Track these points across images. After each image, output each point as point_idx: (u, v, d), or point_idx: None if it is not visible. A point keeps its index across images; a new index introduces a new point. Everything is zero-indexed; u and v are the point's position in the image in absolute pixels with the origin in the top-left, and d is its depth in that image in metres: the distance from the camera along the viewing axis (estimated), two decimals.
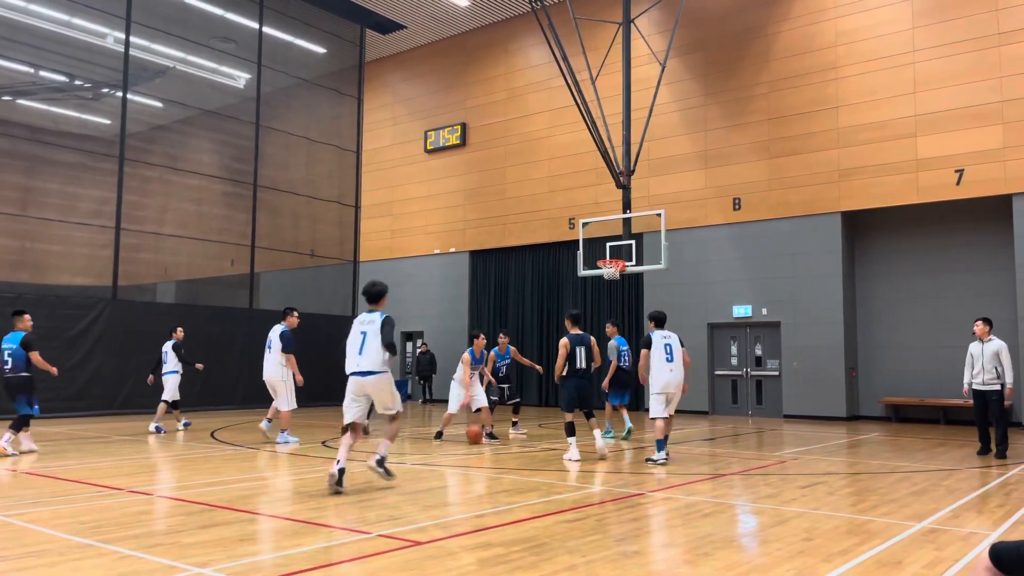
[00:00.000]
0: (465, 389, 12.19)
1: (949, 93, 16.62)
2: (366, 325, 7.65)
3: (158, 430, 13.44)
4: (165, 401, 13.86)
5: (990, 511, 6.78)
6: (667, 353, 9.85)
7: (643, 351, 9.94)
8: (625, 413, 13.07)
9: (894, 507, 6.86)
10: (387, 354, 7.52)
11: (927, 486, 8.08)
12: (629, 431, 12.90)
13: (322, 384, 22.17)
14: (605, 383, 12.75)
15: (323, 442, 12.12)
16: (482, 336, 12.70)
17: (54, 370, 10.86)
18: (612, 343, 12.90)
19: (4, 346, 10.49)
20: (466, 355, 12.39)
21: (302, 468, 9.50)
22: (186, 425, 14.40)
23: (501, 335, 13.92)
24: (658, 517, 6.43)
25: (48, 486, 7.72)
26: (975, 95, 16.32)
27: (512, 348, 13.77)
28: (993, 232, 16.64)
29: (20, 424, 10.27)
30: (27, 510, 6.46)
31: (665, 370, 9.78)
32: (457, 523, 6.07)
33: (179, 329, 14.69)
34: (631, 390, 13.31)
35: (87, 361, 17.15)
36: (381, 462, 7.80)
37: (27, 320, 10.73)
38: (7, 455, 9.91)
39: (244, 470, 9.26)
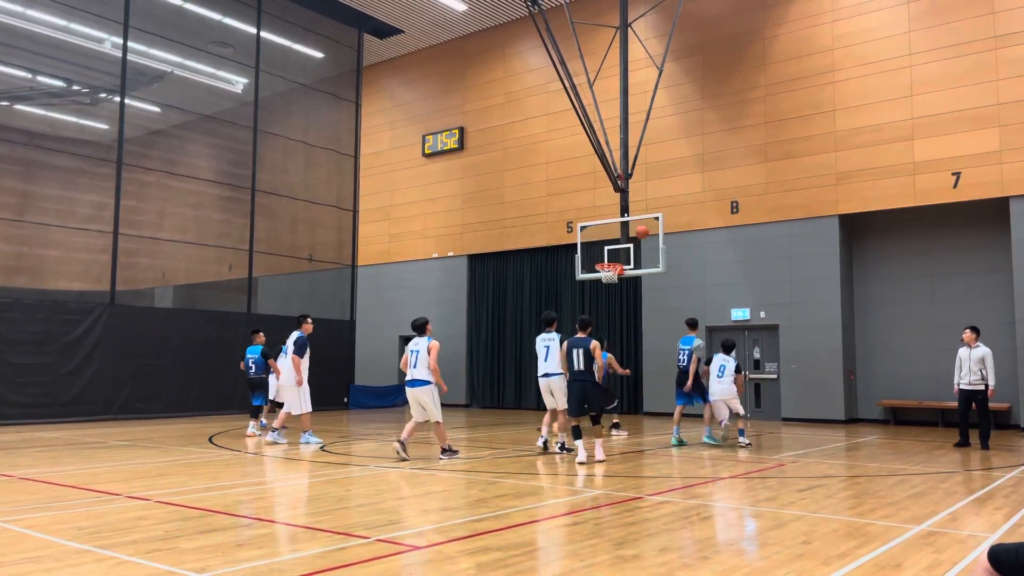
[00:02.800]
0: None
1: (946, 96, 16.65)
2: (548, 342, 11.18)
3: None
4: None
5: (988, 513, 6.78)
6: (719, 372, 12.37)
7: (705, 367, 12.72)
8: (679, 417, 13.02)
9: (893, 510, 6.86)
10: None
11: (925, 488, 8.08)
12: (679, 441, 12.51)
13: (321, 389, 22.17)
14: (688, 385, 12.70)
15: (321, 447, 12.11)
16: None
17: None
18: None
19: (248, 355, 13.80)
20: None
21: (300, 473, 9.49)
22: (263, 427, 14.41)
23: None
24: (656, 521, 6.42)
25: (46, 491, 7.71)
26: (972, 98, 16.35)
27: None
28: (990, 235, 16.66)
29: (256, 413, 13.66)
30: (25, 515, 6.44)
31: (714, 382, 12.39)
32: (455, 527, 6.06)
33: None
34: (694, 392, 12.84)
35: (85, 366, 17.14)
36: (562, 446, 11.06)
37: (262, 336, 14.17)
38: (255, 436, 13.22)
39: (242, 475, 9.24)
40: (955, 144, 16.45)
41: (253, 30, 21.27)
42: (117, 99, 18.46)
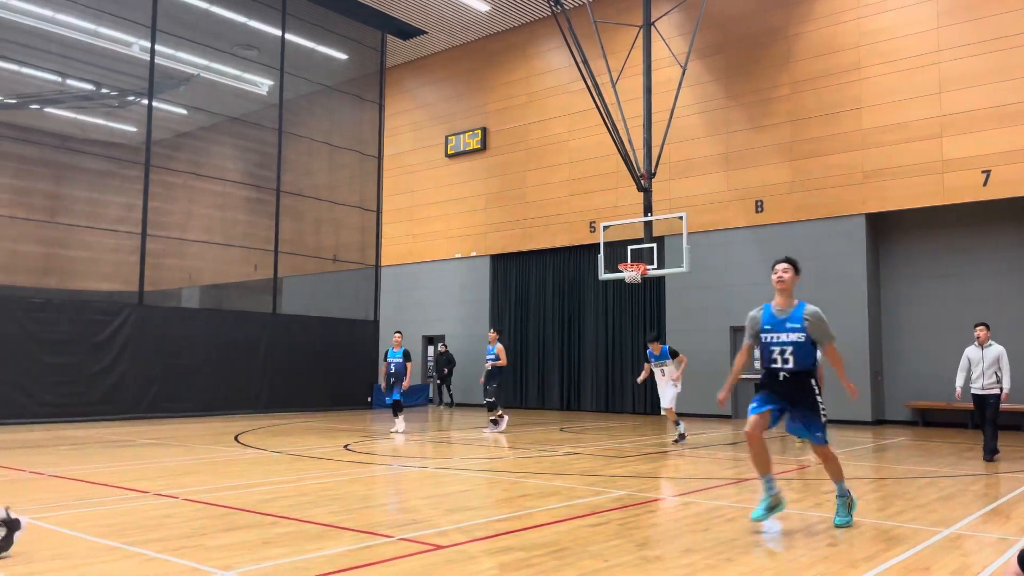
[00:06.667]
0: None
1: (975, 93, 16.39)
2: None
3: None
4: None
5: (1019, 516, 6.66)
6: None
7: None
8: None
9: (920, 513, 6.77)
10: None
11: (954, 491, 7.96)
12: None
13: (344, 389, 22.27)
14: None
15: (345, 446, 12.18)
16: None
17: (406, 383, 15.08)
18: None
19: (391, 358, 15.15)
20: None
21: (325, 471, 9.55)
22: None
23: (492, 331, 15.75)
24: (680, 522, 6.39)
25: (75, 489, 7.83)
26: (1001, 95, 16.08)
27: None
28: (1020, 233, 16.39)
29: (397, 409, 15.17)
30: (54, 513, 6.55)
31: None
32: (478, 527, 6.07)
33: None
34: None
35: (114, 365, 17.37)
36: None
37: (400, 338, 15.77)
38: (399, 432, 14.66)
39: (267, 473, 9.32)
40: (985, 141, 16.19)
41: (278, 32, 21.45)
42: (145, 102, 18.70)
